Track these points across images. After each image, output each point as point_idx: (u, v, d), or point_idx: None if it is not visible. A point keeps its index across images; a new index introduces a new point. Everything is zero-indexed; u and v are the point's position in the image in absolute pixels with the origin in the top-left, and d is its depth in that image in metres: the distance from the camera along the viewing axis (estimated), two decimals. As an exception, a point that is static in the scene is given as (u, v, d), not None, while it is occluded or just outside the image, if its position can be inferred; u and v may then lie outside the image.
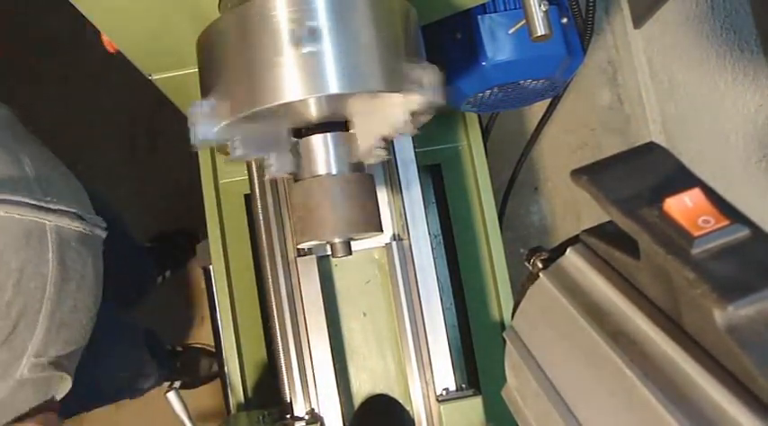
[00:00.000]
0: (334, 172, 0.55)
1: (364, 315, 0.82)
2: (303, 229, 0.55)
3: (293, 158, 0.57)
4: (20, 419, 0.57)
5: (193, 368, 1.38)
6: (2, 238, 0.57)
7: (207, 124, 0.51)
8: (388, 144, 0.56)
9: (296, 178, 0.57)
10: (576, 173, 0.32)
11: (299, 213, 0.55)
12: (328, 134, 0.55)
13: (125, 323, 1.05)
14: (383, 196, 0.79)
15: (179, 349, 1.42)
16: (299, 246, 0.75)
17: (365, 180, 0.55)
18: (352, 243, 0.59)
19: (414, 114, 0.51)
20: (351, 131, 0.56)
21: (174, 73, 0.65)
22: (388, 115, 0.52)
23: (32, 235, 0.60)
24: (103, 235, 0.71)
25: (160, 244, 1.46)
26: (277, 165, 0.56)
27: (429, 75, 0.49)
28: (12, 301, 0.57)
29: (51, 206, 0.62)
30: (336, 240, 0.56)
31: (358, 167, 0.55)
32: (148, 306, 1.33)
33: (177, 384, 1.38)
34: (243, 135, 0.54)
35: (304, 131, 0.56)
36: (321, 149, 0.55)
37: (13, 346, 0.58)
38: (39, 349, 0.60)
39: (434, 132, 0.95)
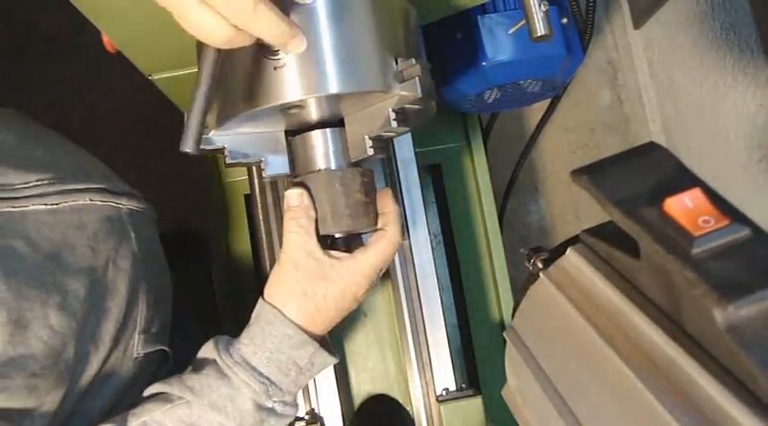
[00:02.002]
0: (332, 167, 0.55)
1: (364, 315, 0.82)
2: None
3: (289, 158, 0.57)
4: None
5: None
6: (93, 223, 0.59)
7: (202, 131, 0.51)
8: (384, 143, 0.55)
9: (294, 175, 0.57)
10: (576, 173, 0.32)
11: None
12: (327, 130, 0.55)
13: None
14: (383, 196, 0.78)
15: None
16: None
17: (364, 175, 0.55)
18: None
19: (401, 111, 0.51)
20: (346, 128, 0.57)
21: (174, 73, 0.65)
22: (375, 113, 0.52)
23: (113, 219, 0.62)
24: (155, 216, 0.73)
25: (162, 245, 1.46)
26: (273, 168, 0.56)
27: (410, 71, 0.48)
28: (114, 279, 0.59)
29: (119, 189, 0.64)
30: (336, 236, 0.56)
31: (356, 163, 0.55)
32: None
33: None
34: (237, 139, 0.54)
35: (300, 130, 0.56)
36: (320, 146, 0.55)
37: (127, 323, 0.60)
38: (144, 324, 0.62)
39: (434, 132, 0.95)
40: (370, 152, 0.53)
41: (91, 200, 0.60)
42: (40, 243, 0.53)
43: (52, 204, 0.56)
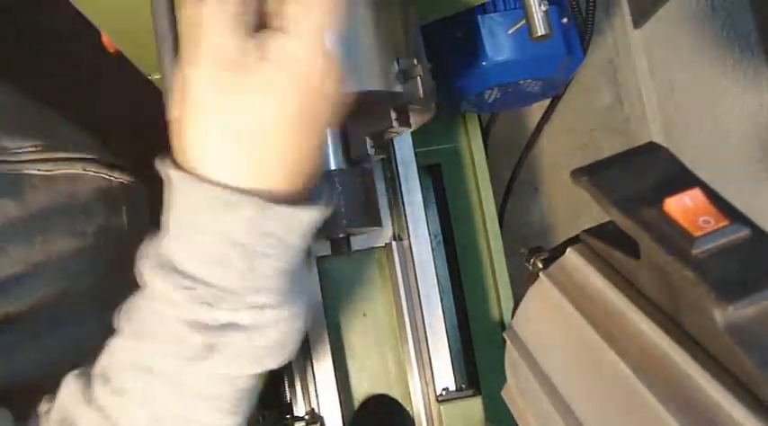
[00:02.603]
0: (332, 167, 0.55)
1: (364, 315, 0.82)
2: None
3: None
4: None
5: None
6: (86, 193, 0.60)
7: None
8: (384, 143, 0.56)
9: None
10: (576, 173, 0.32)
11: None
12: (327, 129, 0.55)
13: None
14: (383, 196, 0.78)
15: None
16: (298, 245, 0.75)
17: (364, 174, 0.55)
18: (353, 242, 0.59)
19: (402, 111, 0.51)
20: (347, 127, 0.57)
21: (173, 73, 0.65)
22: (376, 113, 0.52)
23: (104, 191, 0.62)
24: (145, 191, 0.72)
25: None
26: None
27: (413, 71, 0.48)
28: (104, 249, 0.59)
29: (111, 162, 0.65)
30: (336, 235, 0.56)
31: (356, 163, 0.55)
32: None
33: None
34: None
35: None
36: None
37: (102, 298, 0.60)
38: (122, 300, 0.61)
39: (434, 132, 0.95)
40: (371, 152, 0.53)
41: (84, 170, 0.60)
42: (33, 205, 0.54)
43: (45, 170, 0.57)
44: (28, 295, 0.51)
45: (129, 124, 1.55)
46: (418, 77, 0.48)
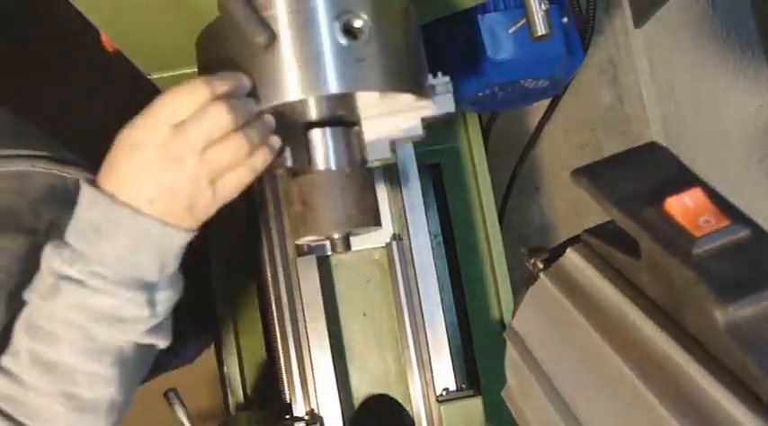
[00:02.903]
0: (333, 167, 0.55)
1: (364, 315, 0.82)
2: (302, 225, 0.55)
3: (291, 155, 0.57)
4: None
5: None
6: (33, 192, 0.60)
7: None
8: (394, 146, 0.56)
9: (293, 174, 0.57)
10: (577, 173, 0.32)
11: (298, 209, 0.55)
12: (327, 129, 0.55)
13: None
14: (383, 196, 0.78)
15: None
16: (297, 242, 0.75)
17: (364, 175, 0.55)
18: (352, 242, 0.58)
19: (423, 119, 0.53)
20: (355, 128, 0.57)
21: (174, 73, 0.65)
22: (399, 119, 0.53)
23: (57, 189, 0.62)
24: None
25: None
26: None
27: (444, 84, 0.53)
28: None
29: (65, 159, 0.65)
30: (335, 235, 0.56)
31: (357, 163, 0.55)
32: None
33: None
34: None
35: (301, 128, 0.56)
36: (320, 145, 0.55)
37: None
38: None
39: (434, 132, 0.95)
40: (392, 156, 0.54)
41: (32, 167, 0.61)
42: None
43: None
44: None
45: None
46: (449, 94, 0.50)
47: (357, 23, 0.47)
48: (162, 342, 0.54)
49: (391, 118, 0.54)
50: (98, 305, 0.48)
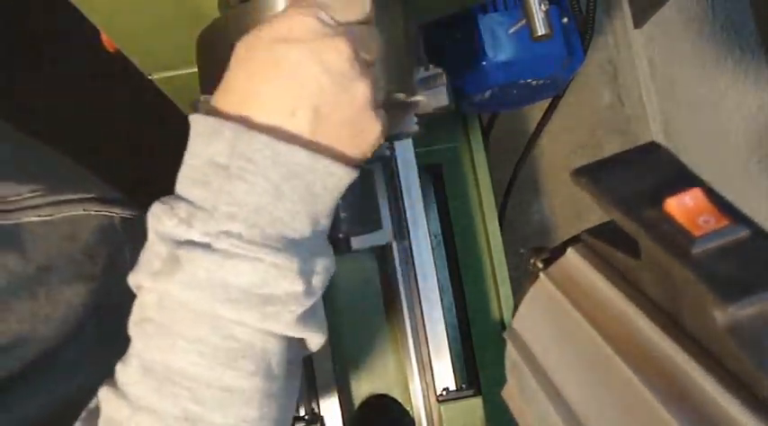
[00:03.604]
0: None
1: (364, 315, 0.82)
2: None
3: None
4: None
5: None
6: (86, 233, 0.58)
7: None
8: (391, 144, 0.56)
9: None
10: (576, 173, 0.32)
11: None
12: None
13: None
14: (383, 196, 0.78)
15: None
16: (298, 245, 0.75)
17: (364, 175, 0.55)
18: (352, 242, 0.59)
19: (420, 116, 0.52)
20: None
21: (174, 73, 0.65)
22: (394, 116, 0.53)
23: (106, 229, 0.60)
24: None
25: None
26: None
27: (438, 79, 0.49)
28: (115, 284, 0.58)
29: (111, 198, 0.63)
30: (336, 236, 0.56)
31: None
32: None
33: None
34: None
35: None
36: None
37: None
38: None
39: (434, 132, 0.95)
40: (388, 153, 0.53)
41: (84, 210, 0.59)
42: (34, 255, 0.52)
43: (46, 215, 0.55)
44: (33, 349, 0.48)
45: (128, 140, 1.56)
46: (443, 86, 0.49)
47: None
48: (316, 339, 0.39)
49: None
50: (233, 277, 0.33)
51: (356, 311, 0.81)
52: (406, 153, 0.79)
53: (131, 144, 1.55)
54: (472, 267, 0.93)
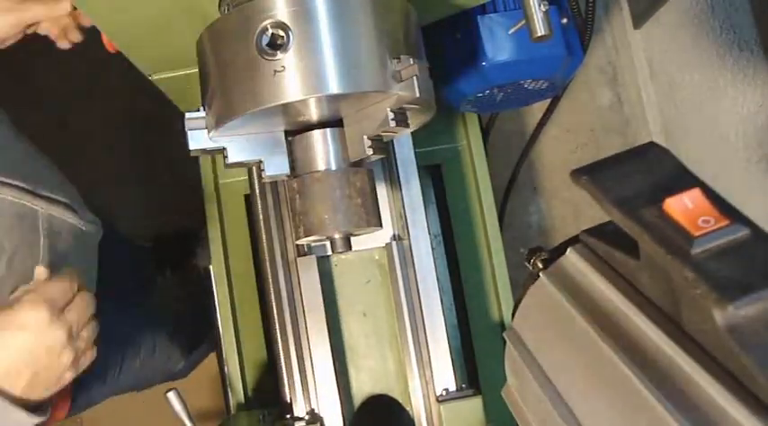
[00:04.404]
0: (333, 168, 0.55)
1: (364, 315, 0.82)
2: (303, 225, 0.55)
3: (288, 159, 0.57)
4: None
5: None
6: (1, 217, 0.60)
7: (202, 131, 0.52)
8: (384, 143, 0.56)
9: (294, 175, 0.57)
10: (576, 173, 0.32)
11: (299, 209, 0.55)
12: (327, 130, 0.55)
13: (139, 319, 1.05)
14: (383, 196, 0.78)
15: None
16: (298, 242, 0.75)
17: (364, 175, 0.55)
18: (353, 242, 0.59)
19: (400, 111, 0.51)
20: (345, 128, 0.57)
21: (173, 73, 0.65)
22: (374, 113, 0.52)
23: (25, 219, 0.62)
24: (98, 233, 0.72)
25: (160, 244, 1.46)
26: (273, 168, 0.56)
27: (409, 71, 0.48)
28: (3, 279, 0.59)
29: (44, 193, 0.65)
30: (336, 235, 0.56)
31: (356, 163, 0.55)
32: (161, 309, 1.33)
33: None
34: (237, 140, 0.54)
35: (299, 130, 0.56)
36: (320, 146, 0.55)
37: None
38: None
39: (434, 132, 0.95)
40: (369, 152, 0.53)
41: (0, 194, 0.61)
42: None
43: None
44: None
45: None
46: (415, 77, 0.48)
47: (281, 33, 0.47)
48: None
49: (367, 113, 0.54)
50: None
51: (356, 311, 0.81)
52: (406, 153, 0.79)
53: (130, 144, 1.55)
54: (472, 267, 0.93)
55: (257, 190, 0.78)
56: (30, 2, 0.65)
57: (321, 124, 0.56)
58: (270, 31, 0.47)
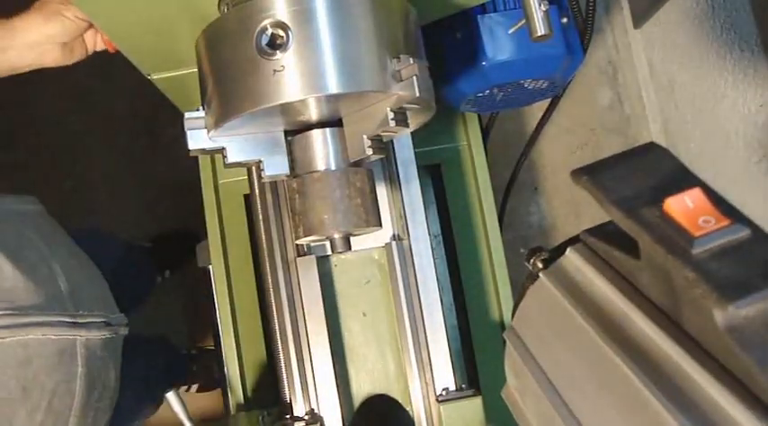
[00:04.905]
0: (332, 167, 0.55)
1: (364, 315, 0.82)
2: (302, 225, 0.55)
3: (288, 159, 0.57)
4: None
5: (210, 370, 1.37)
6: (38, 361, 0.58)
7: (201, 131, 0.52)
8: (384, 143, 0.55)
9: (293, 174, 0.57)
10: (577, 173, 0.32)
11: (298, 209, 0.55)
12: (326, 130, 0.55)
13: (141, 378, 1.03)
14: (383, 196, 0.78)
15: (194, 352, 1.42)
16: (298, 242, 0.75)
17: (364, 175, 0.55)
18: (353, 242, 0.59)
19: (399, 111, 0.51)
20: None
21: (173, 73, 0.65)
22: (374, 113, 0.52)
23: (65, 354, 0.60)
24: (125, 332, 0.71)
25: (160, 244, 1.46)
26: (272, 168, 0.56)
27: (408, 71, 0.48)
28: (43, 422, 0.58)
29: (83, 320, 0.63)
30: (336, 235, 0.56)
31: (356, 163, 0.55)
32: (161, 309, 1.33)
33: (194, 387, 1.37)
34: (237, 140, 0.54)
35: (299, 130, 0.56)
36: (320, 145, 0.55)
37: None
38: None
39: (434, 132, 0.95)
40: (369, 152, 0.53)
41: (43, 335, 0.59)
42: None
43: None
44: None
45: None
46: (414, 77, 0.48)
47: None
48: None
49: (367, 113, 0.53)
50: None
51: (356, 311, 0.81)
52: (406, 153, 0.79)
53: (130, 144, 1.55)
54: (472, 267, 0.93)
55: (257, 190, 0.78)
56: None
57: (321, 124, 0.56)
58: (269, 30, 0.46)
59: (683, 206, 0.28)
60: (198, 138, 0.53)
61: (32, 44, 0.61)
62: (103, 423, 0.69)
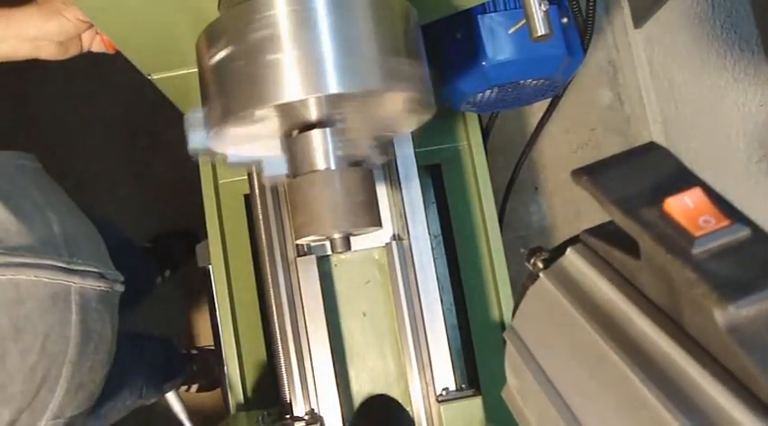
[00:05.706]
0: (332, 167, 0.55)
1: (364, 315, 0.82)
2: (302, 225, 0.55)
3: (288, 158, 0.57)
4: None
5: (210, 370, 1.37)
6: (30, 302, 0.58)
7: (201, 132, 0.52)
8: (388, 145, 0.56)
9: (293, 174, 0.57)
10: (577, 173, 0.32)
11: (298, 209, 0.55)
12: (326, 129, 0.55)
13: (140, 357, 1.03)
14: (383, 196, 0.78)
15: (194, 352, 1.42)
16: (298, 242, 0.75)
17: (364, 175, 0.55)
18: (353, 242, 0.59)
19: (403, 112, 0.51)
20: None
21: (173, 73, 0.65)
22: (377, 113, 0.52)
23: (58, 298, 0.60)
24: (121, 289, 0.71)
25: (160, 244, 1.46)
26: (272, 168, 0.56)
27: (413, 71, 0.48)
28: (36, 365, 0.58)
29: (77, 267, 0.63)
30: (336, 235, 0.56)
31: (356, 162, 0.55)
32: (161, 309, 1.33)
33: (194, 387, 1.38)
34: (237, 140, 0.54)
35: (300, 129, 0.56)
36: (320, 145, 0.55)
37: (35, 409, 0.59)
38: (56, 411, 0.61)
39: (434, 132, 0.95)
40: (369, 152, 0.53)
41: (35, 277, 0.59)
42: None
43: None
44: None
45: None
46: (414, 77, 0.48)
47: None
48: None
49: (370, 114, 0.54)
50: None
51: (356, 311, 0.81)
52: (406, 153, 0.79)
53: (130, 144, 1.55)
54: (472, 267, 0.93)
55: (257, 190, 0.78)
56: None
57: (321, 123, 0.56)
58: (269, 30, 0.46)
59: (683, 206, 0.28)
60: (198, 138, 0.53)
61: (29, 38, 0.61)
62: (100, 377, 0.68)
